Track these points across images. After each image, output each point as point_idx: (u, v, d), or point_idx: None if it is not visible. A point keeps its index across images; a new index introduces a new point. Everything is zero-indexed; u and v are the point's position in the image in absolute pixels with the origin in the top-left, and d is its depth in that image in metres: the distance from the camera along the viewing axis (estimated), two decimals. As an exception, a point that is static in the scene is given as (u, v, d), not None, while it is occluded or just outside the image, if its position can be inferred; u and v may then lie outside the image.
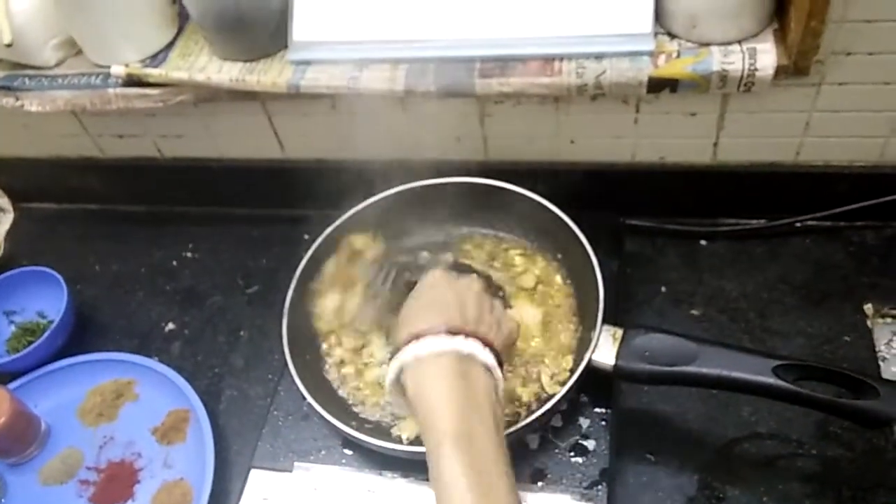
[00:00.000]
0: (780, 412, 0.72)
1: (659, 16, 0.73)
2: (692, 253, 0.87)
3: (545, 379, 0.74)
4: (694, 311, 0.82)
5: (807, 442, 0.71)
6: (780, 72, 0.70)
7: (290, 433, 0.77)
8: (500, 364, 0.59)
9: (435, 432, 0.52)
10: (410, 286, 0.67)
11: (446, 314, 0.58)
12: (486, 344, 0.58)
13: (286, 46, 0.80)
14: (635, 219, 0.88)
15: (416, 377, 0.56)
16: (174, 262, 0.99)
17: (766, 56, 0.70)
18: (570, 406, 0.73)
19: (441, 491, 0.51)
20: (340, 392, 0.78)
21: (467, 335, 0.57)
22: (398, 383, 0.58)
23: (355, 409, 0.76)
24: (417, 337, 0.57)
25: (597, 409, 0.73)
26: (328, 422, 0.70)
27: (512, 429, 0.66)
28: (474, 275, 0.67)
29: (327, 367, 0.80)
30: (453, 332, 0.57)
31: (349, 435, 0.69)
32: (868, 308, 0.79)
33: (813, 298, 0.81)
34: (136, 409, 0.84)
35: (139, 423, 0.83)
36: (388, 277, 0.76)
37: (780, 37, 0.71)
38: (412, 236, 0.89)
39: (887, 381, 0.64)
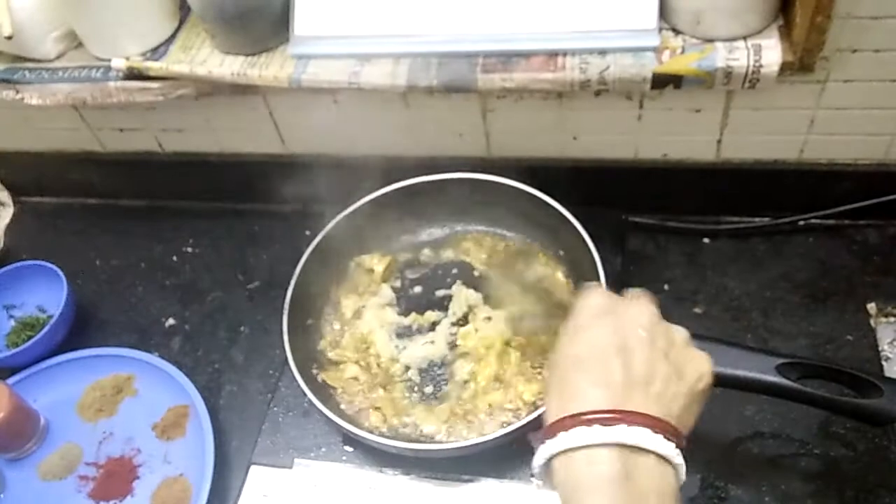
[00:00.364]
0: (783, 411, 0.72)
1: (663, 11, 0.72)
2: (695, 251, 0.87)
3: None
4: (697, 310, 0.82)
5: (810, 441, 0.71)
6: (784, 68, 0.70)
7: (290, 429, 0.77)
8: (680, 442, 0.45)
9: None
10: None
11: (605, 379, 0.45)
12: (658, 426, 0.44)
13: (288, 40, 0.80)
14: (638, 216, 0.88)
15: (566, 476, 0.44)
16: (174, 257, 0.98)
17: (771, 52, 0.70)
18: (572, 404, 0.73)
19: None
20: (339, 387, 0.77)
21: (630, 420, 0.43)
22: (547, 472, 0.47)
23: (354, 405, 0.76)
24: (564, 424, 0.44)
25: (599, 407, 0.73)
26: (329, 418, 0.69)
27: (513, 427, 0.65)
28: (642, 296, 0.52)
29: (328, 363, 0.79)
30: (612, 417, 0.44)
31: (350, 432, 0.69)
32: (871, 307, 0.79)
33: (816, 297, 0.81)
34: (135, 404, 0.84)
35: (139, 419, 0.82)
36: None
37: (785, 33, 0.71)
38: (413, 232, 0.89)
39: (891, 379, 0.64)
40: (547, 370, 0.52)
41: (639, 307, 0.51)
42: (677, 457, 0.45)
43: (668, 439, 0.44)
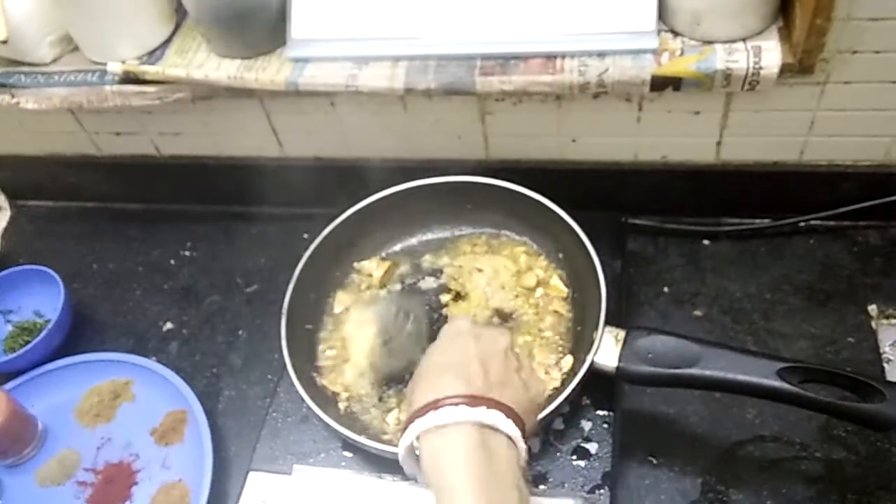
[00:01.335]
0: (784, 415, 0.72)
1: (662, 13, 0.72)
2: (695, 253, 0.86)
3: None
4: (697, 312, 0.81)
5: (811, 445, 0.71)
6: (784, 70, 0.69)
7: (289, 435, 0.76)
8: (525, 433, 0.54)
9: None
10: (427, 324, 0.66)
11: (467, 377, 0.54)
12: (510, 413, 0.53)
13: (284, 44, 0.79)
14: (637, 218, 0.87)
15: (433, 449, 0.52)
16: (172, 261, 0.98)
17: (771, 54, 0.69)
18: (572, 409, 0.72)
19: None
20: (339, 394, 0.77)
21: (490, 405, 0.52)
22: (412, 451, 0.54)
23: (353, 412, 0.75)
24: (436, 404, 0.52)
25: (599, 412, 0.73)
26: (327, 424, 0.69)
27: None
28: (502, 328, 0.63)
29: (326, 368, 0.79)
30: (475, 401, 0.52)
31: (348, 438, 0.68)
32: (872, 309, 0.79)
33: (817, 299, 0.80)
34: (133, 409, 0.83)
35: (137, 424, 0.82)
36: (402, 320, 0.74)
37: (785, 35, 0.70)
38: (412, 236, 0.89)
39: (893, 383, 0.63)
40: (414, 377, 0.58)
41: (497, 333, 0.61)
42: (521, 441, 0.53)
43: (517, 426, 0.53)
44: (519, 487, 0.51)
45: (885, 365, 0.75)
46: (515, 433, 0.53)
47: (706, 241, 0.87)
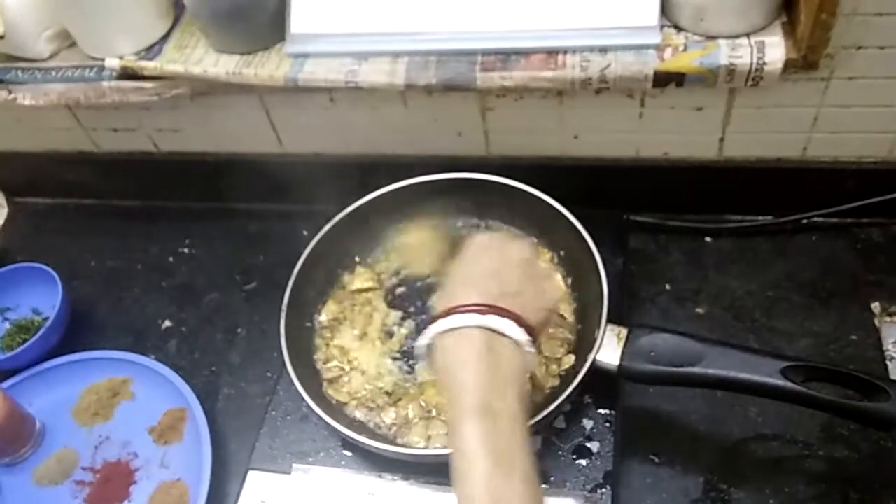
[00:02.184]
0: (787, 413, 0.71)
1: (665, 8, 0.71)
2: (697, 250, 0.86)
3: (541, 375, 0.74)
4: (699, 310, 0.81)
5: (813, 443, 0.70)
6: (788, 66, 0.69)
7: (288, 434, 0.76)
8: (535, 339, 0.58)
9: (458, 406, 0.52)
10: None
11: (483, 287, 0.57)
12: (519, 320, 0.56)
13: (283, 39, 0.78)
14: (639, 215, 0.87)
15: (445, 351, 0.56)
16: (170, 258, 0.97)
17: (775, 50, 0.69)
18: (574, 407, 0.72)
19: (461, 463, 0.51)
20: (339, 391, 0.76)
21: (500, 313, 0.56)
22: (430, 353, 0.58)
23: (353, 410, 0.75)
24: (451, 311, 0.56)
25: (600, 411, 0.72)
26: (327, 423, 0.68)
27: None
28: (527, 241, 0.67)
29: (326, 366, 0.78)
30: (486, 309, 0.56)
31: (348, 437, 0.68)
32: (875, 306, 0.78)
33: (819, 297, 0.80)
34: (132, 408, 0.83)
35: (135, 423, 0.81)
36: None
37: (789, 30, 0.70)
38: (409, 232, 0.88)
39: (896, 382, 0.63)
40: (439, 288, 0.62)
41: (517, 245, 0.64)
42: (529, 346, 0.56)
43: (527, 333, 0.56)
44: (520, 390, 0.54)
45: (889, 363, 0.75)
46: (523, 338, 0.56)
47: (708, 239, 0.86)
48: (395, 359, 0.78)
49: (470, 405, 0.51)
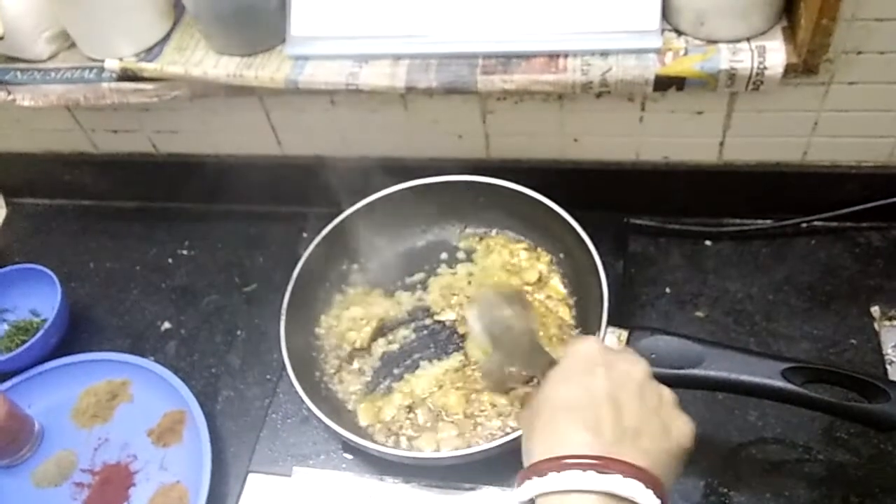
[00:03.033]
0: (787, 416, 0.71)
1: (666, 12, 0.72)
2: (697, 253, 0.86)
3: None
4: (699, 313, 0.81)
5: (814, 447, 0.70)
6: (789, 70, 0.69)
7: (288, 436, 0.76)
8: (664, 495, 0.45)
9: None
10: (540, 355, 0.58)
11: (597, 424, 0.46)
12: (648, 479, 0.44)
13: (284, 41, 0.78)
14: (639, 218, 0.87)
15: None
16: (170, 260, 0.97)
17: (776, 54, 0.69)
18: (575, 410, 0.72)
19: None
20: (340, 394, 0.76)
21: (625, 471, 0.43)
22: None
23: (356, 412, 0.75)
24: (559, 462, 0.44)
25: (601, 414, 0.72)
26: (328, 426, 0.68)
27: (516, 434, 0.64)
28: (635, 354, 0.53)
29: (327, 368, 0.78)
30: (606, 464, 0.44)
31: (349, 439, 0.68)
32: (875, 310, 0.78)
33: (819, 300, 0.80)
34: (131, 410, 0.83)
35: (134, 425, 0.81)
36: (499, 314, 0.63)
37: (790, 35, 0.70)
38: (411, 236, 0.88)
39: (897, 384, 0.63)
40: (528, 410, 0.51)
41: (631, 362, 0.51)
42: None
43: (657, 496, 0.44)
44: None
45: (888, 367, 0.75)
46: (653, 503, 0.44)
47: (708, 242, 0.87)
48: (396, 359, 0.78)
49: None
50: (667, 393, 0.51)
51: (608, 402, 0.47)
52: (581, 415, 0.47)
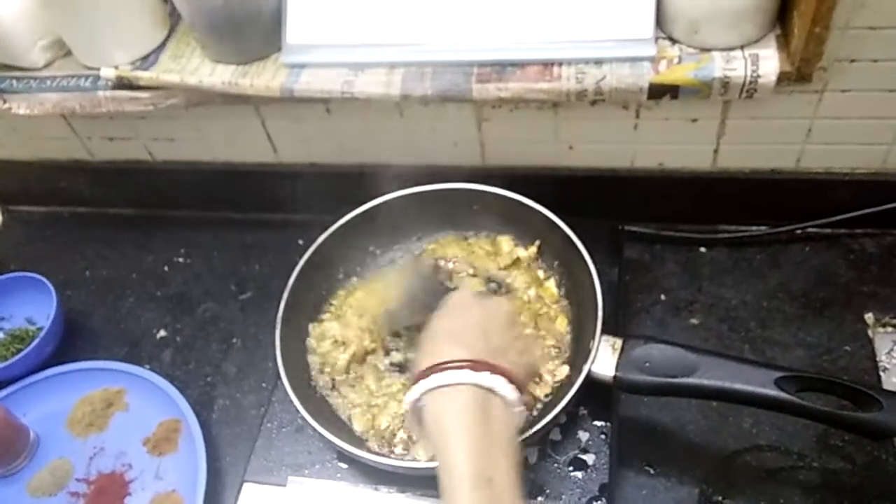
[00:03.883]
0: (781, 424, 0.71)
1: (660, 21, 0.72)
2: (692, 260, 0.86)
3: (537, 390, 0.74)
4: (693, 320, 0.81)
5: (808, 454, 0.70)
6: (782, 78, 0.69)
7: (284, 446, 0.75)
8: (523, 395, 0.57)
9: (453, 471, 0.50)
10: (442, 290, 0.67)
11: (471, 343, 0.56)
12: (510, 378, 0.55)
13: (279, 49, 0.79)
14: (634, 225, 0.87)
15: (436, 409, 0.54)
16: (166, 268, 0.97)
17: (769, 62, 0.69)
18: (569, 419, 0.72)
19: None
20: (336, 403, 0.76)
21: (492, 370, 0.54)
22: (416, 410, 0.56)
23: (351, 422, 0.75)
24: (441, 366, 0.55)
25: (596, 423, 0.72)
26: (322, 435, 0.68)
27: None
28: (504, 297, 0.66)
29: (322, 376, 0.78)
30: (477, 365, 0.54)
31: (344, 449, 0.68)
32: (869, 317, 0.79)
33: (813, 307, 0.80)
34: (126, 418, 0.83)
35: (130, 434, 0.81)
36: (423, 279, 0.75)
37: (783, 43, 0.70)
38: (407, 242, 0.88)
39: (890, 392, 0.63)
40: (420, 343, 0.61)
41: (500, 301, 0.64)
42: (518, 405, 0.56)
43: (515, 390, 0.55)
44: (514, 451, 0.53)
45: (882, 374, 0.75)
46: (513, 397, 0.55)
47: (703, 249, 0.87)
48: (392, 370, 0.78)
49: (466, 474, 0.50)
50: (524, 325, 0.67)
51: (479, 328, 0.58)
52: (458, 338, 0.57)
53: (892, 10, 0.64)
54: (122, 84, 0.81)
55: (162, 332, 0.91)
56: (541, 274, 0.82)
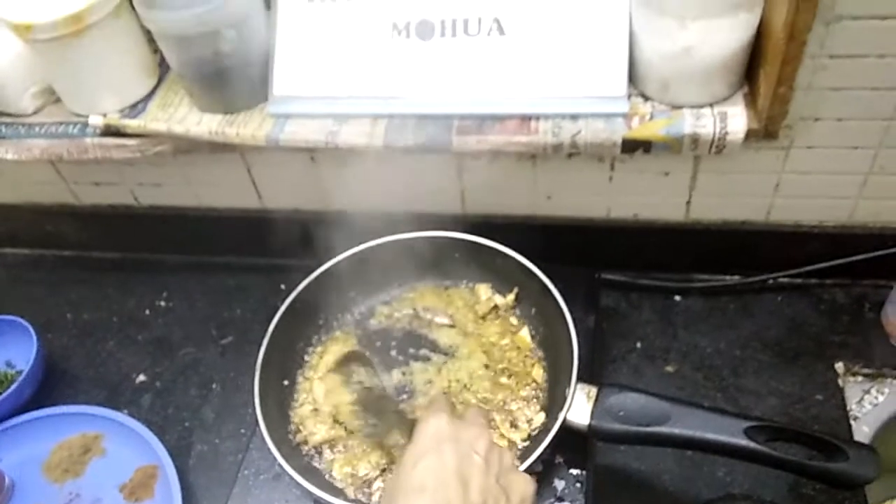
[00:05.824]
0: (754, 473, 0.72)
1: (633, 79, 0.75)
2: (667, 308, 0.88)
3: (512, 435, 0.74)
4: (669, 368, 0.82)
5: (780, 503, 0.71)
6: (750, 135, 0.72)
7: (261, 493, 0.75)
8: None
9: None
10: (403, 420, 0.66)
11: (446, 496, 0.51)
12: None
13: (266, 100, 0.81)
14: (611, 274, 0.89)
15: None
16: (147, 311, 0.98)
17: (737, 120, 0.72)
18: (545, 467, 0.72)
19: None
20: (314, 450, 0.76)
21: None
22: None
23: (330, 469, 0.75)
24: None
25: (571, 471, 0.72)
26: (299, 483, 0.68)
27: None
28: (481, 424, 0.59)
29: (301, 424, 0.78)
30: None
31: (321, 499, 0.68)
32: (839, 366, 0.80)
33: (785, 356, 0.82)
34: (103, 464, 0.82)
35: (106, 480, 0.81)
36: (376, 417, 0.71)
37: (751, 101, 0.73)
38: (387, 289, 0.89)
39: (856, 443, 0.65)
40: (388, 488, 0.56)
41: (476, 433, 0.57)
42: None
43: None
44: None
45: (853, 422, 0.76)
46: None
47: (678, 297, 0.89)
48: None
49: None
50: (507, 457, 0.58)
51: (456, 480, 0.52)
52: (432, 497, 0.51)
53: (852, 72, 0.67)
54: (110, 131, 0.82)
55: (141, 377, 0.91)
56: (514, 321, 0.83)
